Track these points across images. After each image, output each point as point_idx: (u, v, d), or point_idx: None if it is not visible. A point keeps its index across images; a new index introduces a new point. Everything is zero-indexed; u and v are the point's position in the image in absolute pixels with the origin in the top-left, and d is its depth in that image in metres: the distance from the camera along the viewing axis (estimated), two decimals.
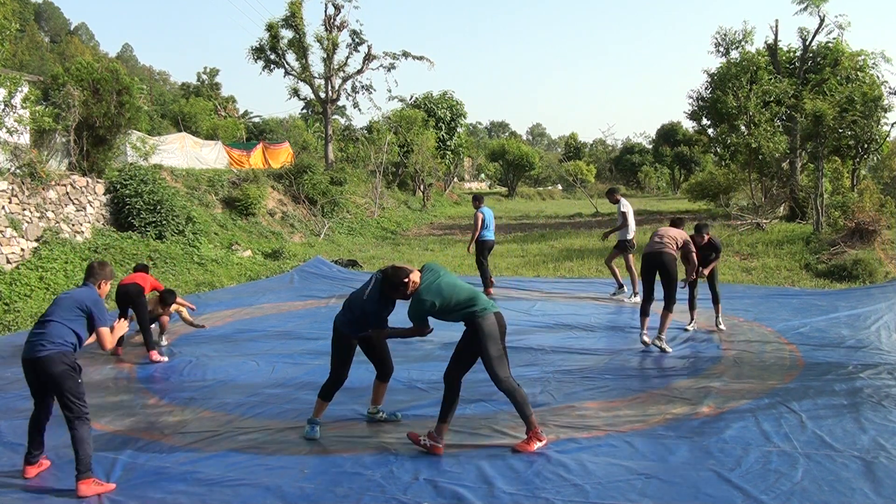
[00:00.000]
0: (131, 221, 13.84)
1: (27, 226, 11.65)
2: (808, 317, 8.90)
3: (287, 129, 41.35)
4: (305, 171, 22.11)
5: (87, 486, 4.11)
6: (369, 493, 4.08)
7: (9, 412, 5.72)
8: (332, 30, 26.27)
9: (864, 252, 12.86)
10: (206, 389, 6.32)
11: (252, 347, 7.91)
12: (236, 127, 36.76)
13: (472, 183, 61.60)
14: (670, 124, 64.03)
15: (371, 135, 31.73)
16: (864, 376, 6.23)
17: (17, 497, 4.15)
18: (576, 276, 13.16)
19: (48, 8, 79.30)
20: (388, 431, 5.10)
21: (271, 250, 16.41)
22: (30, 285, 10.46)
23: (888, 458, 4.42)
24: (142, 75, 54.88)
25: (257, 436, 5.07)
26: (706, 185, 28.81)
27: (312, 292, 11.79)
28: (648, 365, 6.92)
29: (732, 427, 5.02)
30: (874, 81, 20.82)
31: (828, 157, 20.33)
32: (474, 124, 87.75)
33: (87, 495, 4.08)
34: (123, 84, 14.30)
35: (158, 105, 44.77)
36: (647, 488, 4.08)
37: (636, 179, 64.96)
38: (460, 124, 41.04)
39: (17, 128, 12.28)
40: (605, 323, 8.88)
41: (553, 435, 4.95)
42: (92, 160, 14.09)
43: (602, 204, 38.61)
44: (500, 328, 4.63)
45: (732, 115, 21.96)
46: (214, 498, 4.07)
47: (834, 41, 22.92)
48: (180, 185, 17.27)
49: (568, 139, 73.05)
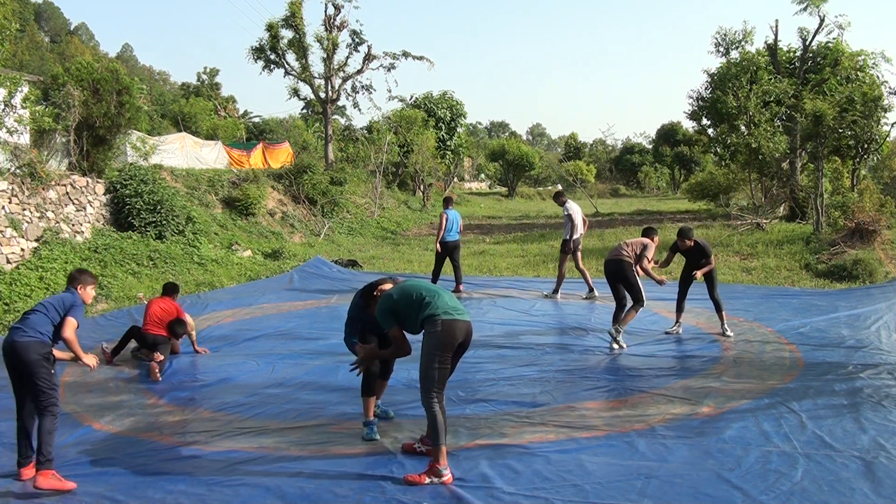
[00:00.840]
0: (131, 221, 13.84)
1: (27, 226, 11.65)
2: (808, 317, 8.90)
3: (287, 129, 41.32)
4: (305, 171, 22.11)
5: (45, 478, 4.16)
6: (369, 493, 4.08)
7: (9, 412, 5.71)
8: (332, 30, 26.25)
9: (864, 252, 12.87)
10: (206, 389, 6.32)
11: (252, 347, 7.91)
12: (236, 127, 36.76)
13: (472, 183, 61.59)
14: (670, 124, 64.02)
15: (371, 135, 31.73)
16: (864, 376, 6.23)
17: (16, 500, 4.15)
18: (576, 276, 13.14)
19: (48, 8, 79.30)
20: (389, 432, 5.09)
21: (271, 250, 16.41)
22: (30, 285, 10.45)
23: (888, 458, 4.42)
24: (142, 75, 54.89)
25: (257, 436, 5.07)
26: (706, 185, 28.84)
27: (312, 292, 11.79)
28: (648, 365, 6.91)
29: (732, 427, 5.02)
30: (874, 81, 20.84)
31: (828, 157, 20.35)
32: (474, 124, 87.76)
33: (44, 488, 4.13)
34: (123, 84, 14.30)
35: (158, 105, 44.76)
36: (646, 488, 4.08)
37: (636, 179, 64.96)
38: (460, 124, 41.03)
39: (17, 128, 12.27)
40: (605, 323, 8.87)
41: (553, 435, 4.95)
42: (92, 160, 14.09)
43: (602, 204, 38.64)
44: (460, 337, 4.24)
45: (732, 115, 21.97)
46: (214, 498, 4.07)
47: (834, 41, 22.94)
48: (180, 185, 17.26)
49: (568, 139, 73.03)
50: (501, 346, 7.79)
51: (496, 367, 6.84)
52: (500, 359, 7.23)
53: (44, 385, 4.27)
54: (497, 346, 7.79)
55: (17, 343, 4.29)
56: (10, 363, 4.36)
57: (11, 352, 4.32)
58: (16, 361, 4.31)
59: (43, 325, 4.38)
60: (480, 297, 11.14)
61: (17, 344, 4.29)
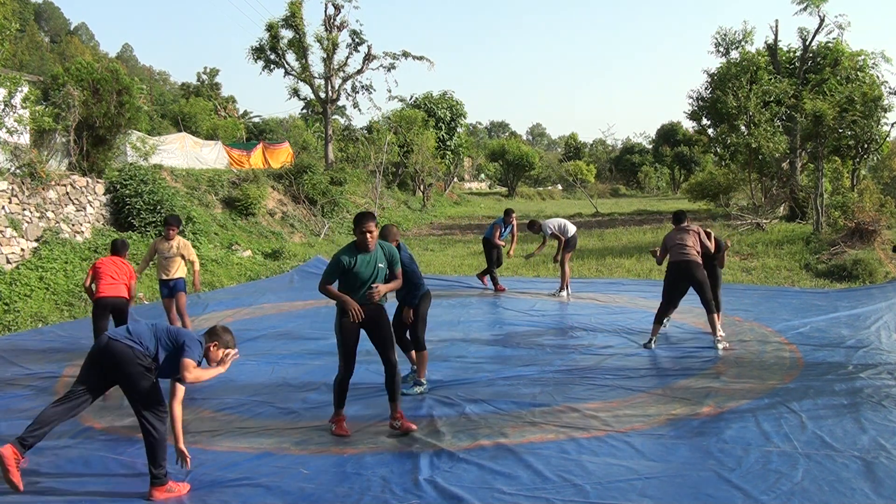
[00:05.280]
0: (131, 221, 13.84)
1: (27, 226, 11.65)
2: (808, 317, 8.90)
3: (287, 129, 41.36)
4: (305, 171, 22.11)
5: (160, 492, 4.04)
6: (369, 493, 4.08)
7: (9, 412, 5.71)
8: (332, 30, 26.25)
9: (864, 252, 12.87)
10: (206, 389, 6.31)
11: (252, 347, 7.91)
12: (236, 127, 36.77)
13: (472, 183, 61.59)
14: (670, 124, 64.04)
15: (371, 135, 31.72)
16: (864, 376, 6.23)
17: (16, 499, 4.14)
18: (575, 276, 13.14)
19: (48, 8, 79.27)
20: (388, 431, 5.09)
21: (271, 250, 16.41)
22: (30, 285, 10.46)
23: (888, 458, 4.42)
24: (142, 75, 54.88)
25: (257, 436, 5.07)
26: (706, 185, 28.82)
27: (312, 292, 11.73)
28: (648, 365, 6.91)
29: (732, 427, 5.02)
30: (874, 81, 20.82)
31: (828, 157, 20.34)
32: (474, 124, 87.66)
33: (162, 498, 4.03)
34: (123, 84, 14.30)
35: (158, 105, 44.78)
36: (647, 488, 4.08)
37: (636, 179, 64.96)
38: (460, 124, 41.03)
39: (17, 128, 12.27)
40: (605, 323, 8.88)
41: (553, 435, 4.95)
42: (92, 160, 14.10)
43: (602, 204, 38.64)
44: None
45: (732, 115, 21.96)
46: (214, 498, 4.07)
47: (834, 41, 22.94)
48: (180, 185, 17.26)
49: (568, 139, 73.02)
50: (501, 345, 7.79)
51: (496, 367, 6.85)
52: (500, 359, 7.23)
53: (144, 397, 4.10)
54: (497, 345, 7.79)
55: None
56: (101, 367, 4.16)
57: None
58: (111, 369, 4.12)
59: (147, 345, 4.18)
60: (480, 297, 11.14)
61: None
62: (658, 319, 7.65)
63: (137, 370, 4.07)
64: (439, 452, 4.66)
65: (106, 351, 4.10)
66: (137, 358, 4.08)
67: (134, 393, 4.09)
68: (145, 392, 4.08)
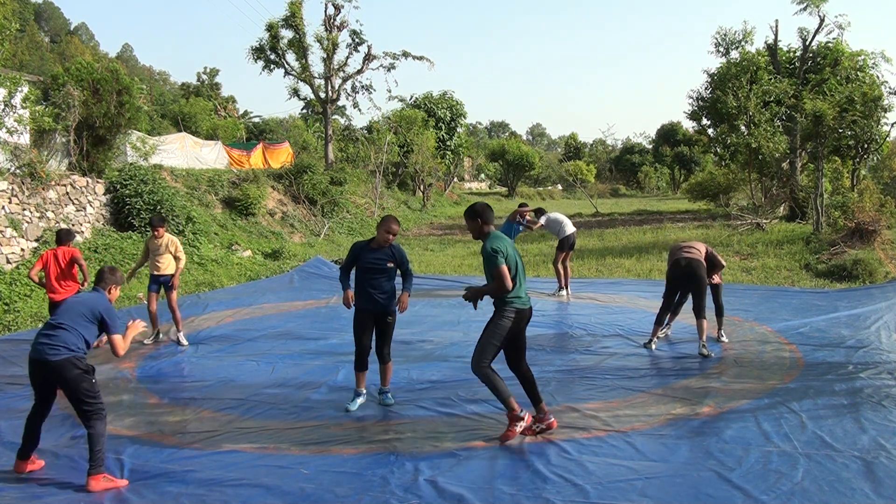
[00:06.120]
0: (131, 221, 13.84)
1: (27, 226, 11.65)
2: (808, 317, 8.90)
3: (287, 129, 41.34)
4: (305, 171, 22.11)
5: (97, 481, 4.15)
6: (369, 493, 4.08)
7: (9, 412, 5.71)
8: (332, 30, 26.26)
9: (864, 252, 12.86)
10: (206, 389, 6.32)
11: (252, 347, 7.91)
12: (236, 127, 36.77)
13: (472, 183, 61.61)
14: (670, 124, 64.09)
15: (371, 135, 31.74)
16: (864, 376, 6.23)
17: (15, 496, 4.14)
18: (575, 276, 13.14)
19: (48, 8, 79.29)
20: (389, 431, 5.09)
21: (271, 250, 16.40)
22: (30, 285, 10.45)
23: (888, 458, 4.42)
24: (142, 75, 54.91)
25: (257, 436, 5.07)
26: (706, 185, 28.84)
27: (312, 292, 11.78)
28: (648, 365, 6.91)
29: (732, 427, 5.02)
30: (874, 81, 20.83)
31: (828, 157, 20.35)
32: (474, 124, 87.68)
33: (97, 490, 4.12)
34: (123, 84, 14.30)
35: (158, 105, 44.78)
36: (647, 488, 4.08)
37: (636, 179, 64.98)
38: (460, 124, 41.05)
39: (17, 128, 12.27)
40: (606, 323, 8.87)
41: (553, 435, 4.94)
42: (92, 160, 14.09)
43: (602, 204, 38.64)
44: (523, 326, 5.21)
45: (732, 115, 21.97)
46: (214, 498, 4.06)
47: (834, 41, 22.95)
48: (180, 185, 17.26)
49: (568, 139, 73.07)
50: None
51: (496, 368, 6.82)
52: (500, 359, 7.21)
53: (87, 396, 4.22)
54: None
55: (51, 363, 4.18)
56: (40, 380, 4.30)
57: (44, 371, 4.22)
58: (53, 380, 4.25)
59: (74, 341, 4.26)
60: None
61: (51, 364, 4.18)
62: (659, 320, 7.65)
63: (74, 374, 4.21)
64: (439, 452, 4.66)
65: (44, 368, 4.23)
66: (73, 364, 4.22)
67: (75, 395, 4.23)
68: (85, 393, 4.23)
